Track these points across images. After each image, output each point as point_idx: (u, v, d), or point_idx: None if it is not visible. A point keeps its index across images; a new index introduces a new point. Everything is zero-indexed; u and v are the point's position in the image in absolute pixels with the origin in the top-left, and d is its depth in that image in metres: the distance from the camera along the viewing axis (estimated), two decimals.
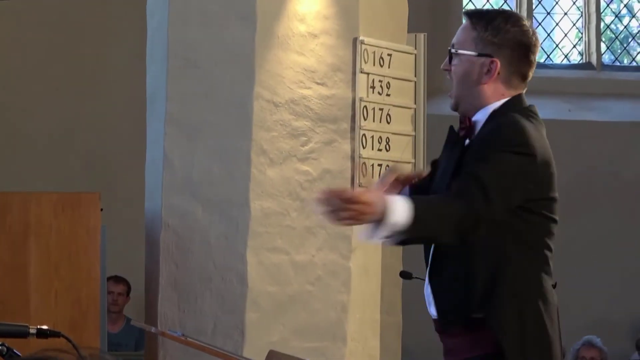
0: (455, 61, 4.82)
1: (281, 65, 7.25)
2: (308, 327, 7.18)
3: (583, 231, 12.35)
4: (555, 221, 4.86)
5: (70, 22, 11.69)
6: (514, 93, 4.83)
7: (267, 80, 7.23)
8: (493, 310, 4.73)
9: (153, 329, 6.57)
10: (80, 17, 11.70)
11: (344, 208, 4.42)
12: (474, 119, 4.81)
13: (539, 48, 5.08)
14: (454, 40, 4.88)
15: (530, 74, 4.91)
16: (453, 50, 4.83)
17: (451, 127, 5.13)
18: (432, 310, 4.89)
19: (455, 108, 4.87)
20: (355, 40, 7.30)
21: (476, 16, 4.89)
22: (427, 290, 4.93)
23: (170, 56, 7.43)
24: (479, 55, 4.76)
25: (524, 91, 4.91)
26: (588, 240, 12.46)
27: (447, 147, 5.00)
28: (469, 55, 4.78)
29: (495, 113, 4.77)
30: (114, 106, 11.34)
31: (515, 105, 4.80)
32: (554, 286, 4.87)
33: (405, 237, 4.62)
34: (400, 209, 4.45)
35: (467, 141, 4.83)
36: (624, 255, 12.60)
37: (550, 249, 4.86)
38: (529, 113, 4.81)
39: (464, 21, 4.94)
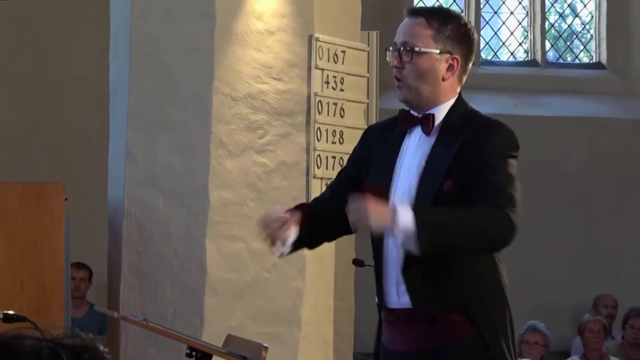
0: (416, 58, 4.74)
1: (239, 61, 7.25)
2: (264, 313, 7.20)
3: (527, 220, 12.40)
4: None
5: (35, 16, 11.64)
6: (459, 89, 4.83)
7: (225, 75, 7.24)
8: (473, 299, 4.75)
9: (115, 314, 6.56)
10: (45, 12, 11.66)
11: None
12: (435, 114, 4.77)
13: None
14: (405, 37, 4.77)
15: (469, 68, 4.92)
16: (411, 47, 4.76)
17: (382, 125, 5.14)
18: (404, 300, 4.85)
19: (407, 101, 4.80)
20: (310, 37, 7.31)
21: (431, 13, 4.85)
22: (393, 281, 4.91)
23: (133, 51, 7.42)
24: (441, 52, 4.74)
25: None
26: (531, 229, 12.50)
27: (383, 143, 4.97)
28: (431, 52, 4.75)
29: (453, 109, 4.76)
30: (78, 99, 11.31)
31: (466, 102, 4.82)
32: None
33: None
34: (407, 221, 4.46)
35: (419, 134, 4.81)
36: (566, 244, 12.66)
37: None
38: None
39: (411, 19, 4.83)
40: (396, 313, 4.84)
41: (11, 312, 4.43)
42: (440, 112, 4.76)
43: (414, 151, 4.81)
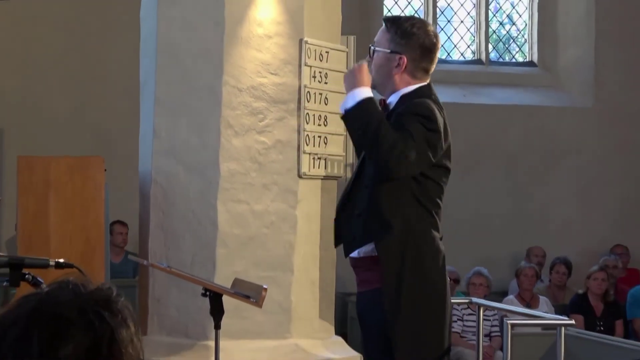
0: (374, 55, 4.85)
1: (243, 60, 7.22)
2: (263, 261, 7.18)
3: (472, 188, 12.42)
4: (442, 187, 4.83)
5: (82, 22, 11.62)
6: (420, 82, 4.83)
7: (232, 71, 7.21)
8: (383, 249, 4.72)
9: (145, 262, 6.55)
10: (90, 19, 11.64)
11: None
12: (388, 100, 4.83)
13: (440, 47, 5.07)
14: (375, 39, 4.92)
15: (432, 68, 4.92)
16: (372, 48, 4.86)
17: None
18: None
19: (373, 87, 4.89)
20: (301, 40, 7.27)
21: (390, 21, 4.92)
22: (347, 236, 4.96)
23: (158, 52, 7.39)
24: (391, 52, 4.78)
25: (429, 81, 4.90)
26: (476, 195, 12.54)
27: None
28: (384, 52, 4.79)
29: (405, 97, 4.78)
30: (115, 90, 11.29)
31: (424, 92, 4.81)
32: (441, 239, 4.84)
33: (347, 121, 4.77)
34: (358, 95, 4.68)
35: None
36: (505, 206, 12.68)
37: (438, 207, 4.82)
38: (436, 100, 4.83)
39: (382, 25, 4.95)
40: (350, 263, 4.88)
41: (62, 260, 4.41)
42: (394, 98, 4.80)
43: None
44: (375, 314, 4.77)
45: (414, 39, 4.80)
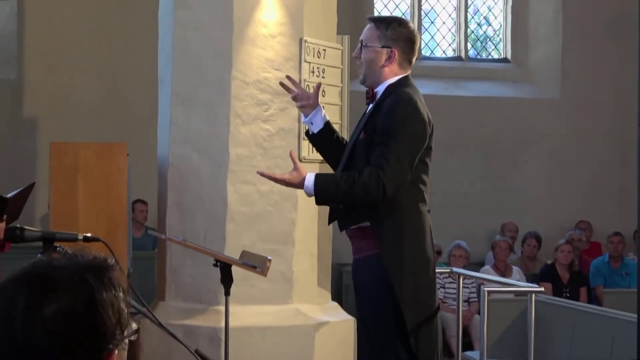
0: (364, 51, 4.81)
1: (250, 57, 7.21)
2: (268, 235, 7.19)
3: (453, 171, 12.42)
4: (428, 165, 4.82)
5: (108, 24, 11.60)
6: (404, 73, 4.81)
7: (240, 66, 7.20)
8: (378, 222, 4.73)
9: (163, 236, 6.54)
10: (114, 21, 11.61)
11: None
12: (376, 90, 4.81)
13: (420, 43, 5.07)
14: (362, 37, 4.84)
15: (414, 60, 4.91)
16: (363, 44, 4.84)
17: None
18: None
19: (364, 82, 4.85)
20: (301, 39, 7.26)
21: (378, 20, 4.90)
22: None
23: (175, 50, 7.38)
24: (383, 47, 4.77)
25: (410, 72, 4.88)
26: (456, 177, 12.54)
27: (362, 116, 5.03)
28: (375, 47, 4.79)
29: (391, 86, 4.77)
30: (136, 83, 11.27)
31: (407, 82, 4.80)
32: (428, 211, 4.83)
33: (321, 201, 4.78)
34: (310, 186, 4.64)
35: (370, 105, 4.84)
36: (483, 187, 12.68)
37: (425, 184, 4.80)
38: (414, 88, 4.82)
39: (367, 25, 4.88)
40: (347, 233, 4.87)
41: (89, 234, 4.39)
42: (381, 88, 4.79)
43: (364, 117, 4.85)
44: (368, 277, 4.77)
45: (401, 34, 4.80)
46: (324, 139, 5.07)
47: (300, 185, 4.72)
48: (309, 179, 4.67)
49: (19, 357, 1.78)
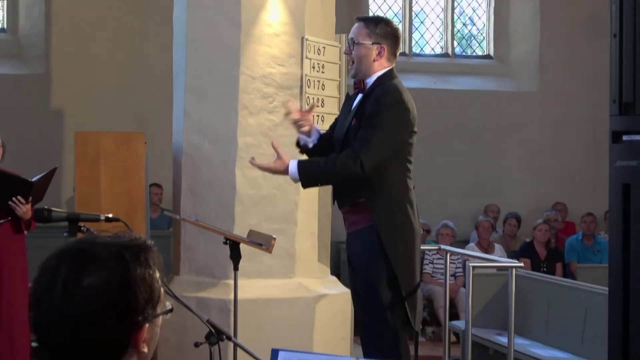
0: (356, 48, 4.81)
1: (256, 54, 7.18)
2: (273, 215, 7.17)
3: (441, 157, 12.41)
4: (412, 145, 4.81)
5: (126, 24, 11.57)
6: (390, 66, 4.82)
7: (248, 62, 7.17)
8: (372, 197, 4.72)
9: (177, 216, 6.54)
10: (133, 21, 11.59)
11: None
12: (366, 81, 4.81)
13: (401, 40, 5.07)
14: (352, 35, 4.85)
15: (398, 54, 4.91)
16: (355, 42, 4.82)
17: (347, 93, 5.16)
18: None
19: (355, 76, 4.85)
20: (302, 38, 7.23)
21: (367, 20, 4.92)
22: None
23: (188, 47, 7.35)
24: (373, 43, 4.77)
25: (394, 64, 4.88)
26: (444, 162, 12.52)
27: (345, 104, 5.03)
28: (367, 44, 4.78)
29: (379, 78, 4.77)
30: (153, 77, 11.23)
31: (393, 74, 4.81)
32: (414, 187, 4.83)
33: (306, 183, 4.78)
34: (294, 171, 4.70)
35: (360, 95, 4.82)
36: (467, 172, 12.66)
37: (410, 162, 4.80)
38: (398, 79, 4.83)
39: (356, 24, 4.89)
40: (342, 210, 4.86)
41: (110, 215, 4.39)
42: (371, 80, 4.78)
43: (354, 106, 4.84)
44: (362, 248, 4.77)
45: (388, 32, 4.82)
46: (317, 148, 5.07)
47: (285, 171, 4.74)
48: (292, 165, 4.73)
49: (58, 321, 1.83)
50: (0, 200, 6.36)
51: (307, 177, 4.70)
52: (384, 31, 4.81)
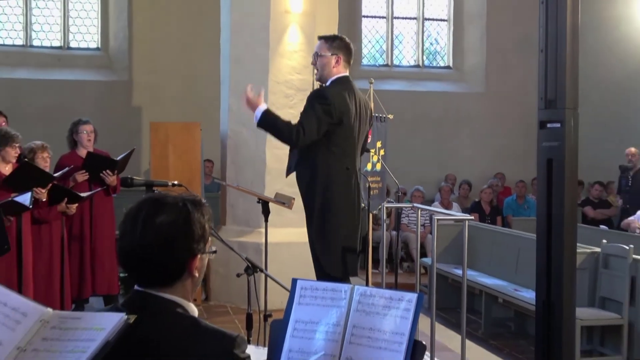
0: (319, 59, 4.57)
1: (280, 65, 7.15)
2: (293, 183, 7.09)
3: (415, 141, 12.35)
4: (355, 136, 4.52)
5: (186, 40, 11.48)
6: (345, 72, 4.57)
7: (274, 71, 7.14)
8: (300, 170, 4.55)
9: (224, 183, 6.53)
10: (192, 39, 11.49)
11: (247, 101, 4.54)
12: (327, 84, 4.54)
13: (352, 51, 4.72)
14: (316, 50, 4.61)
15: (351, 62, 4.70)
16: (319, 54, 4.58)
17: None
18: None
19: (319, 79, 4.63)
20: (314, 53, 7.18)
21: (327, 37, 4.64)
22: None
23: (231, 62, 7.32)
24: (332, 54, 4.61)
25: (348, 71, 4.68)
26: (416, 145, 12.46)
27: None
28: (327, 55, 4.57)
29: (334, 81, 4.53)
30: (207, 82, 11.15)
31: (345, 79, 4.57)
32: (347, 169, 4.50)
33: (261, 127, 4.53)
34: (258, 114, 4.49)
35: None
36: (433, 151, 12.58)
37: (352, 147, 4.51)
38: (350, 85, 4.55)
39: (319, 41, 4.64)
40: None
41: (176, 182, 4.38)
42: (329, 82, 4.55)
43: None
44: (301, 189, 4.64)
45: (343, 44, 4.61)
46: None
47: (254, 108, 4.52)
48: (261, 109, 4.49)
49: (137, 249, 1.89)
50: (94, 173, 6.48)
51: (263, 121, 4.46)
52: (339, 44, 4.59)
